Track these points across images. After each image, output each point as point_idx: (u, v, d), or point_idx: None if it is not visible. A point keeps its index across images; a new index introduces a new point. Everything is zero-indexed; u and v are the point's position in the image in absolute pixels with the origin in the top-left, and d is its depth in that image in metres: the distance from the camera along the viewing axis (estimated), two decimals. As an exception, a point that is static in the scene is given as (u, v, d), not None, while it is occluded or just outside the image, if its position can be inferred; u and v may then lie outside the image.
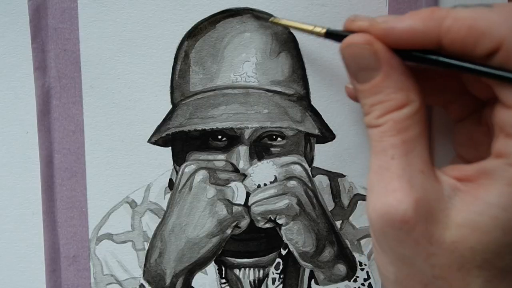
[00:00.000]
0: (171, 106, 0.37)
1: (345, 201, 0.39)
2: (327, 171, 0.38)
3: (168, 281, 0.38)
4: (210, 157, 0.38)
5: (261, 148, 0.38)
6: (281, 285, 0.39)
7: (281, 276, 0.39)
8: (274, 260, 0.39)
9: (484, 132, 0.30)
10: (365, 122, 0.29)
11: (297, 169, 0.37)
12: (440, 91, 0.33)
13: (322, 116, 0.37)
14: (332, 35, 0.31)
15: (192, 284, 0.38)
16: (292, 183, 0.37)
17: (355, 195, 0.39)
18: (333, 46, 0.34)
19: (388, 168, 0.27)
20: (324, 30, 0.31)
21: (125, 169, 0.38)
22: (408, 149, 0.27)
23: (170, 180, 0.38)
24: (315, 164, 0.38)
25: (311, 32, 0.32)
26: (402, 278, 0.28)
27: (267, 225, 0.38)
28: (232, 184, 0.37)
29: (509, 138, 0.26)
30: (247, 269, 0.39)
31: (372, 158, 0.28)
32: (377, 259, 0.30)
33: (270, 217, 0.37)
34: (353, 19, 0.29)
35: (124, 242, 0.39)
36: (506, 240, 0.26)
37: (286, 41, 0.37)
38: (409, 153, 0.27)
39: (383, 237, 0.28)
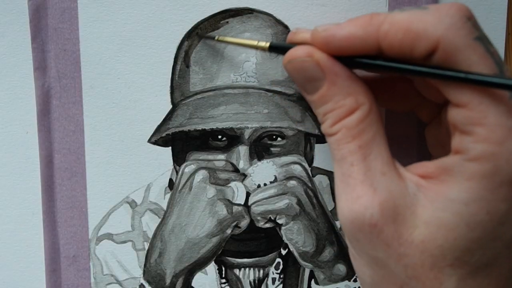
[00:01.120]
0: (171, 106, 0.37)
1: (345, 201, 0.39)
2: (327, 171, 0.38)
3: (168, 281, 0.38)
4: (210, 157, 0.38)
5: (261, 148, 0.38)
6: (281, 285, 0.39)
7: (281, 276, 0.39)
8: (274, 260, 0.39)
9: (445, 133, 0.31)
10: (322, 132, 0.29)
11: (297, 169, 0.37)
12: (401, 98, 0.33)
13: (322, 116, 0.37)
14: (276, 48, 0.31)
15: (192, 284, 0.38)
16: (292, 183, 0.37)
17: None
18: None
19: (350, 175, 0.28)
20: (267, 44, 0.31)
21: (125, 169, 0.38)
22: (366, 153, 0.27)
23: (170, 180, 0.38)
24: (315, 164, 0.38)
25: (255, 47, 0.32)
26: (377, 280, 0.29)
27: (267, 225, 0.38)
28: (232, 184, 0.37)
29: (464, 134, 0.26)
30: (247, 269, 0.39)
31: (335, 166, 0.29)
32: (354, 263, 0.30)
33: (270, 217, 0.37)
34: (295, 32, 0.30)
35: (124, 242, 0.39)
36: (473, 235, 0.26)
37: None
38: (367, 156, 0.27)
39: (356, 242, 0.28)
